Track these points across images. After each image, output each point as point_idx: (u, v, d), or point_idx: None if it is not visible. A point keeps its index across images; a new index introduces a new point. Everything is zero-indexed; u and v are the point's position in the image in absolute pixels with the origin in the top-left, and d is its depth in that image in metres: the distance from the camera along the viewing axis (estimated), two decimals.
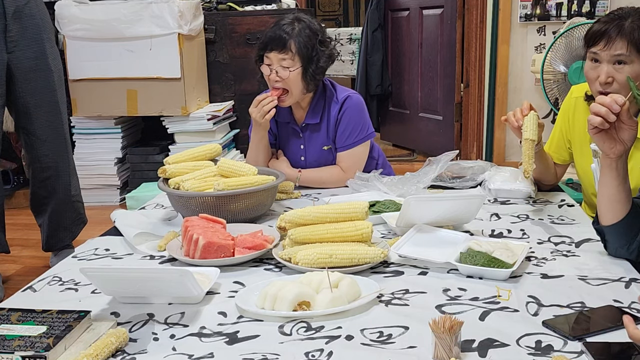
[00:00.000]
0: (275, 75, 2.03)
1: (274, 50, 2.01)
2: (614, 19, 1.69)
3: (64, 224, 2.87)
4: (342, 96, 2.15)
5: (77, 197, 2.90)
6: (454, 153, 2.02)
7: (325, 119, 2.16)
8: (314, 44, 2.04)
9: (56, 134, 2.74)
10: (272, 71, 2.04)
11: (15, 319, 1.14)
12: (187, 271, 1.23)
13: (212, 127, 3.90)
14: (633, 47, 1.66)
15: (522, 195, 1.92)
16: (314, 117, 2.16)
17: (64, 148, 2.80)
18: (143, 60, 3.80)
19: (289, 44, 2.00)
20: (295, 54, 2.01)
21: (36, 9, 2.64)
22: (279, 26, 2.03)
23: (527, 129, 1.74)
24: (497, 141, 4.47)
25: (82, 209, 2.95)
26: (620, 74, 1.68)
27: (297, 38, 2.01)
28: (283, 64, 2.02)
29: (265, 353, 1.09)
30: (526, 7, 4.19)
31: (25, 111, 2.66)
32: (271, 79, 2.05)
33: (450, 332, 1.01)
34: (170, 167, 1.88)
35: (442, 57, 4.65)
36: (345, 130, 2.14)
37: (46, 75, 2.67)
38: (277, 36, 2.01)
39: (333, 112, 2.14)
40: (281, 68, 2.02)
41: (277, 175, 1.88)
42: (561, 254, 1.48)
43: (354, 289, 1.26)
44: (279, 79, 2.03)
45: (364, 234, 1.46)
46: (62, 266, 1.54)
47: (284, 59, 2.01)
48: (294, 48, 2.00)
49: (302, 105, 2.17)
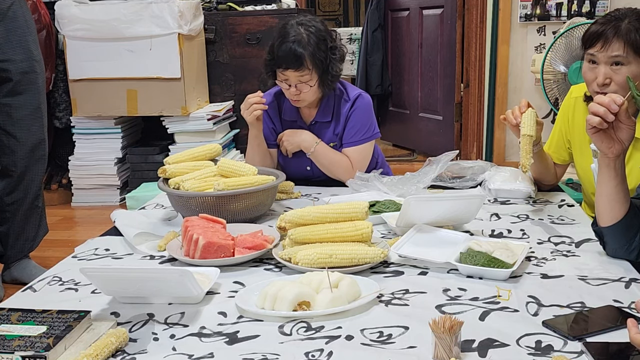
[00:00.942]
0: (295, 90, 2.04)
1: (289, 69, 2.01)
2: (611, 20, 1.69)
3: (26, 234, 2.76)
4: (353, 94, 2.17)
5: (42, 205, 2.81)
6: (454, 153, 2.02)
7: (335, 117, 2.18)
8: (326, 54, 2.04)
9: (35, 138, 2.66)
10: (291, 86, 2.04)
11: (15, 319, 1.14)
12: (187, 271, 1.23)
13: (212, 127, 3.90)
14: (630, 48, 1.66)
15: (522, 195, 1.92)
16: (325, 116, 2.18)
17: (42, 153, 2.72)
18: (143, 60, 3.80)
19: (306, 62, 1.99)
20: (312, 70, 2.02)
21: (20, 11, 2.56)
22: (290, 41, 1.99)
23: (525, 125, 1.75)
24: (497, 141, 4.47)
25: (44, 218, 2.85)
26: (618, 75, 1.68)
27: (311, 51, 1.99)
28: (301, 79, 2.03)
29: (265, 353, 1.09)
30: (526, 7, 4.19)
31: (6, 112, 2.59)
32: (291, 94, 2.06)
33: (450, 332, 1.01)
34: (170, 167, 1.88)
35: (442, 57, 4.65)
36: (354, 127, 2.16)
37: (30, 78, 2.61)
38: (291, 54, 1.98)
39: (344, 110, 2.16)
40: (301, 84, 2.03)
41: (277, 175, 1.88)
42: (561, 254, 1.48)
43: (354, 289, 1.26)
44: (298, 92, 2.05)
45: (364, 234, 1.46)
46: (62, 266, 1.54)
47: (302, 75, 2.02)
48: (311, 64, 2.00)
49: (312, 103, 2.17)
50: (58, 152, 4.35)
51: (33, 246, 2.82)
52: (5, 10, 2.52)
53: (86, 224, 3.79)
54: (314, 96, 2.09)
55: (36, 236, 2.81)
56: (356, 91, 2.19)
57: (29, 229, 2.77)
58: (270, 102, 2.20)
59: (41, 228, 2.83)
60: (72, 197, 4.12)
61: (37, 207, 2.77)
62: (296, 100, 2.10)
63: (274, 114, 2.22)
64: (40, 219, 2.82)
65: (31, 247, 2.82)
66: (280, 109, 2.23)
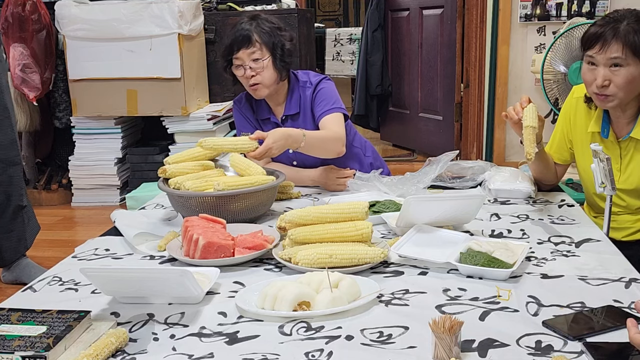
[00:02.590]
0: (250, 71, 2.09)
1: (241, 49, 2.08)
2: (610, 22, 1.70)
3: (17, 235, 2.75)
4: (315, 79, 2.21)
5: (28, 204, 2.80)
6: (454, 153, 2.02)
7: (302, 106, 2.20)
8: (274, 32, 2.12)
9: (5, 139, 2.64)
10: (246, 68, 2.09)
11: (15, 319, 1.14)
12: (187, 271, 1.23)
13: (212, 127, 3.90)
14: (629, 49, 1.67)
15: (522, 195, 1.92)
16: (292, 108, 2.20)
17: (15, 154, 2.70)
18: (143, 60, 3.80)
19: (253, 38, 2.08)
20: (262, 44, 2.09)
21: None
22: (238, 28, 2.12)
23: (527, 117, 1.75)
24: (497, 141, 4.47)
25: (33, 216, 2.85)
26: (617, 76, 1.69)
27: (258, 30, 2.09)
28: (253, 57, 2.08)
29: (265, 353, 1.09)
30: (526, 7, 4.19)
31: None
32: (246, 76, 2.10)
33: (450, 332, 1.01)
34: (170, 167, 1.87)
35: (442, 57, 4.65)
36: (322, 100, 2.18)
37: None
38: (240, 35, 2.09)
39: (308, 94, 2.20)
40: (253, 62, 2.08)
41: (277, 175, 1.88)
42: (561, 254, 1.48)
43: (354, 289, 1.26)
44: (254, 73, 2.09)
45: (364, 234, 1.46)
46: (62, 266, 1.54)
47: (253, 52, 2.08)
48: (259, 40, 2.09)
49: (279, 100, 2.21)
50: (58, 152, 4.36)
51: (27, 245, 2.82)
52: None
53: (86, 224, 3.80)
54: (271, 78, 2.11)
55: (27, 234, 2.80)
56: (319, 76, 2.24)
57: (18, 229, 2.76)
58: (244, 104, 2.26)
59: (31, 226, 2.82)
60: (72, 197, 4.12)
61: (22, 207, 2.76)
62: (254, 86, 2.10)
63: (250, 115, 2.26)
64: (29, 218, 2.81)
65: (25, 246, 2.81)
66: (253, 108, 2.26)
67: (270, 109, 2.23)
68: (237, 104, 2.27)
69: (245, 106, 2.26)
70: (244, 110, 2.25)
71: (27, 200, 2.82)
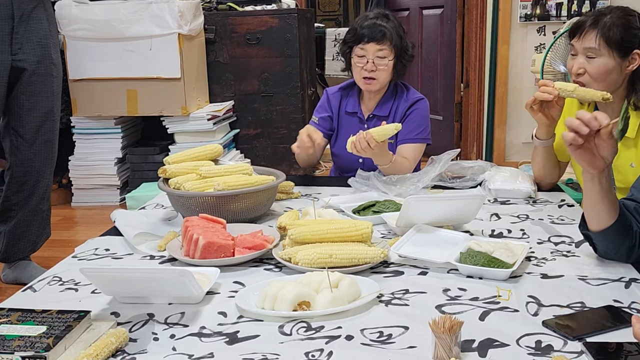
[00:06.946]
0: (372, 65, 2.16)
1: (371, 42, 2.14)
2: (595, 14, 1.75)
3: (28, 235, 2.76)
4: (414, 97, 2.28)
5: (47, 209, 2.82)
6: (455, 152, 2.03)
7: (392, 114, 2.27)
8: (404, 36, 2.21)
9: (44, 140, 2.68)
10: (369, 61, 2.15)
11: (15, 319, 1.14)
12: (187, 271, 1.23)
13: (212, 127, 3.90)
14: (603, 40, 1.71)
15: (522, 195, 1.92)
16: (383, 110, 2.27)
17: (50, 156, 2.73)
18: (143, 60, 3.80)
19: (388, 35, 2.15)
20: (392, 45, 2.16)
21: (44, 13, 2.60)
22: (373, 18, 2.18)
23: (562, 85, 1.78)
24: (497, 141, 4.47)
25: (48, 222, 2.86)
26: (591, 65, 1.74)
27: (393, 28, 2.17)
28: (379, 54, 2.15)
29: (265, 353, 1.09)
30: (526, 7, 4.19)
31: (18, 112, 2.61)
32: (367, 68, 2.17)
33: (450, 332, 1.01)
34: (170, 167, 1.87)
35: (442, 57, 4.65)
36: (411, 125, 2.24)
37: (46, 81, 2.63)
38: (376, 27, 2.15)
39: (401, 108, 2.26)
40: (378, 59, 2.16)
41: (277, 175, 1.88)
42: (561, 254, 1.48)
43: (354, 289, 1.26)
44: (375, 69, 2.16)
45: (364, 234, 1.46)
46: (62, 266, 1.54)
47: (382, 49, 2.15)
48: (391, 40, 2.16)
49: (375, 97, 2.28)
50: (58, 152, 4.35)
51: (34, 248, 2.83)
52: (29, 11, 2.55)
53: (86, 224, 3.79)
54: (387, 77, 2.20)
55: (38, 239, 2.82)
56: (418, 94, 2.30)
57: (32, 232, 2.77)
58: (334, 94, 2.36)
59: (44, 232, 2.84)
60: (72, 197, 4.12)
61: (42, 211, 2.77)
62: (370, 80, 2.18)
63: (335, 105, 2.33)
64: (45, 224, 2.82)
65: (32, 249, 2.82)
66: (341, 101, 2.34)
67: (359, 104, 2.31)
68: (329, 92, 2.38)
69: (334, 96, 2.36)
70: (331, 99, 2.36)
71: (48, 207, 2.83)
